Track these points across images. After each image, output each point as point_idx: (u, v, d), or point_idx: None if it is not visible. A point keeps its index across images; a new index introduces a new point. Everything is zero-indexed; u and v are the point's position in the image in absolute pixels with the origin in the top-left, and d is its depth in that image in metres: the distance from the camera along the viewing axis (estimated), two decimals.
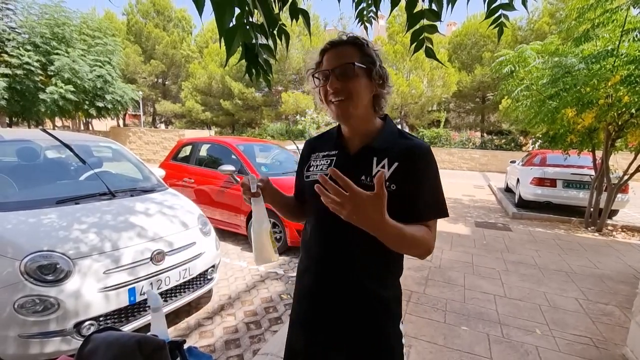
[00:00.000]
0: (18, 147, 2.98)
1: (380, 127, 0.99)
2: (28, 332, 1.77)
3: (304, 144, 1.16)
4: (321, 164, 1.03)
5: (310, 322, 1.03)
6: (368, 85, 0.92)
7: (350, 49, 0.90)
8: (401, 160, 0.91)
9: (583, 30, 4.55)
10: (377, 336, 0.98)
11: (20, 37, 13.04)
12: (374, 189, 0.79)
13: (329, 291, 0.99)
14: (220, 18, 0.51)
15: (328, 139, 1.07)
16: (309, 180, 1.04)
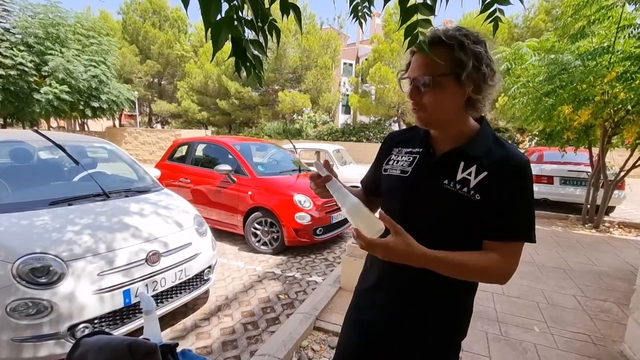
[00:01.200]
0: (11, 148, 2.95)
1: (474, 131, 0.91)
2: (21, 336, 1.75)
3: (387, 136, 1.10)
4: (403, 160, 0.98)
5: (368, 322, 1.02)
6: (455, 93, 0.84)
7: (439, 52, 0.82)
8: (492, 170, 0.84)
9: (579, 27, 4.55)
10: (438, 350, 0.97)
11: (14, 37, 12.91)
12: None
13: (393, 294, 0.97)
14: (205, 12, 0.50)
15: (414, 135, 1.01)
16: (386, 174, 1.01)
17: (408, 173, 0.95)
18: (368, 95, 19.80)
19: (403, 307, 0.96)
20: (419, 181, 0.92)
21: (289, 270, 3.77)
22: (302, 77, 20.36)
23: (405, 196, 0.94)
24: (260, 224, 4.21)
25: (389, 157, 1.04)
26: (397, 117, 20.63)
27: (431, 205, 0.90)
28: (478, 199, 0.83)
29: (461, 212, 0.86)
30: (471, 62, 0.81)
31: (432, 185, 0.89)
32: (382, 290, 1.00)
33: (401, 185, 0.96)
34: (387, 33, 18.89)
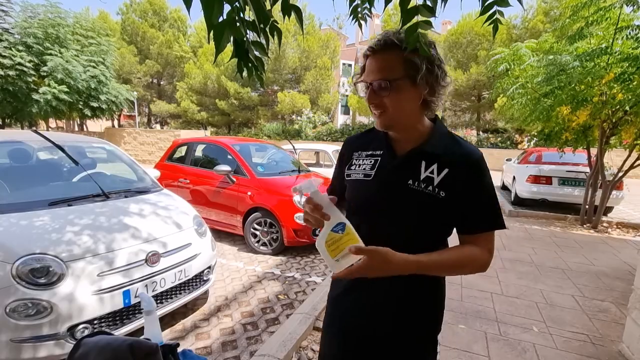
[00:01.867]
0: (10, 149, 2.94)
1: (430, 129, 0.95)
2: (20, 337, 1.74)
3: (344, 143, 1.11)
4: (365, 163, 0.98)
5: (343, 330, 1.01)
6: (411, 95, 0.86)
7: (392, 56, 0.83)
8: (452, 167, 0.88)
9: (577, 28, 4.57)
10: (419, 347, 0.98)
11: (13, 37, 12.89)
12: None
13: (366, 297, 0.96)
14: (208, 13, 0.50)
15: (373, 138, 1.02)
16: (350, 179, 1.01)
17: (371, 176, 0.95)
18: None
19: (377, 308, 0.96)
20: (383, 183, 0.93)
21: (288, 270, 3.77)
22: (302, 78, 20.37)
23: (371, 199, 0.95)
24: (259, 224, 4.21)
25: (350, 162, 1.03)
26: None
27: (397, 206, 0.91)
28: (443, 195, 0.86)
29: (427, 210, 0.88)
30: (424, 64, 0.83)
31: (397, 186, 0.90)
32: (354, 294, 0.99)
33: (365, 188, 0.95)
34: None
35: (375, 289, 0.94)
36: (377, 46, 0.84)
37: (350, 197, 1.02)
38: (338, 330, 1.03)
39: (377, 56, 0.85)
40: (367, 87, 0.88)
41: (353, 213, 0.99)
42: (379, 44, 0.84)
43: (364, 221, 0.94)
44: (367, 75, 0.88)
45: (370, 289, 0.95)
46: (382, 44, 0.84)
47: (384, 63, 0.84)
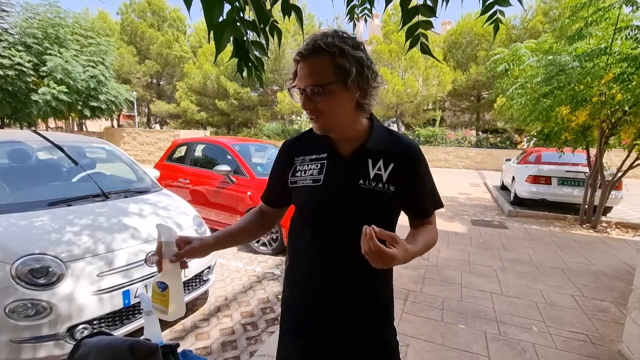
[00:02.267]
0: (9, 149, 2.93)
1: (368, 128, 0.96)
2: (20, 337, 1.74)
3: (283, 148, 1.07)
4: (311, 168, 0.97)
5: (307, 331, 0.99)
6: (344, 98, 0.86)
7: (322, 60, 0.82)
8: (397, 161, 0.92)
9: (576, 28, 4.58)
10: (379, 338, 0.98)
11: (12, 37, 12.87)
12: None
13: (328, 298, 0.96)
14: (208, 13, 0.50)
15: (313, 141, 0.99)
16: (296, 186, 0.98)
17: (321, 181, 0.94)
18: None
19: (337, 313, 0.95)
20: (335, 186, 0.92)
21: None
22: None
23: (323, 203, 0.94)
24: None
25: (293, 168, 1.00)
26: (396, 118, 20.68)
27: (351, 207, 0.91)
28: (393, 190, 0.90)
29: (381, 206, 0.92)
30: (354, 67, 0.83)
31: (349, 187, 0.91)
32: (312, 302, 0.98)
33: (316, 194, 0.94)
34: (385, 34, 18.94)
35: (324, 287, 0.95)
36: (306, 51, 0.83)
37: (300, 204, 1.01)
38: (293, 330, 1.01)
39: (307, 61, 0.84)
40: (300, 93, 0.88)
41: (305, 220, 0.98)
42: (308, 49, 0.83)
43: (317, 226, 0.95)
44: (300, 81, 0.87)
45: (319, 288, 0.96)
46: (311, 49, 0.82)
47: (314, 68, 0.83)
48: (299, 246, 1.01)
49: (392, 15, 18.65)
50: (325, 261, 0.95)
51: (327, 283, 0.95)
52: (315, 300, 0.97)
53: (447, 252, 4.20)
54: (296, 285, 1.02)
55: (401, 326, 2.51)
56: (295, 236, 1.03)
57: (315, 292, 0.97)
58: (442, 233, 5.01)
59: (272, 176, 1.10)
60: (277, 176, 1.07)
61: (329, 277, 0.95)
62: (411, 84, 17.68)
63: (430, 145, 18.15)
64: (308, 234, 0.97)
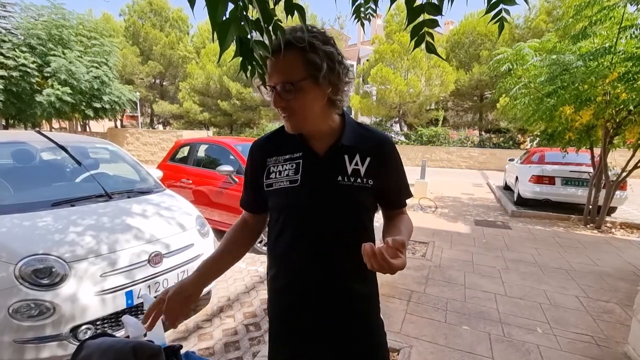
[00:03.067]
0: (13, 150, 2.95)
1: (340, 124, 0.95)
2: (23, 337, 1.74)
3: (253, 148, 1.02)
4: (286, 169, 0.93)
5: (296, 335, 0.98)
6: (316, 95, 0.84)
7: (292, 56, 0.80)
8: (372, 155, 0.92)
9: (580, 27, 4.54)
10: (368, 332, 0.99)
11: (16, 38, 12.95)
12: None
13: (317, 300, 0.95)
14: (212, 11, 0.49)
15: (285, 140, 0.96)
16: (272, 189, 0.94)
17: (298, 181, 0.91)
18: (369, 96, 19.82)
19: (329, 310, 0.95)
20: (313, 185, 0.90)
21: None
22: None
23: (301, 204, 0.91)
24: None
25: (266, 170, 0.96)
26: (399, 118, 20.64)
27: (331, 205, 0.90)
28: (371, 184, 0.91)
29: (362, 201, 0.92)
30: (325, 63, 0.81)
31: (327, 185, 0.90)
32: (293, 293, 0.97)
33: (294, 195, 0.91)
34: (388, 34, 18.90)
35: (313, 286, 0.95)
36: (275, 47, 0.78)
37: (276, 207, 0.97)
38: (287, 331, 1.01)
39: (277, 57, 0.80)
40: (271, 90, 0.85)
41: (285, 223, 0.95)
42: (277, 44, 0.78)
43: (299, 228, 0.93)
44: (270, 78, 0.84)
45: (308, 288, 0.95)
46: (280, 43, 0.78)
47: (284, 64, 0.81)
48: (282, 251, 0.98)
49: (395, 15, 18.62)
50: (312, 263, 0.93)
51: (315, 284, 0.94)
52: (304, 304, 0.96)
53: (450, 253, 4.18)
54: (283, 291, 0.99)
55: (404, 327, 2.50)
56: (276, 242, 0.98)
57: (304, 295, 0.96)
58: (445, 233, 5.01)
59: (247, 180, 1.05)
60: (252, 179, 1.02)
61: (317, 278, 0.94)
62: (414, 84, 17.63)
63: (432, 145, 18.10)
64: (290, 238, 0.95)
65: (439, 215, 6.37)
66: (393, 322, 2.53)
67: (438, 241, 4.65)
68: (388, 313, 2.68)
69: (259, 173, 0.99)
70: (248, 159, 1.03)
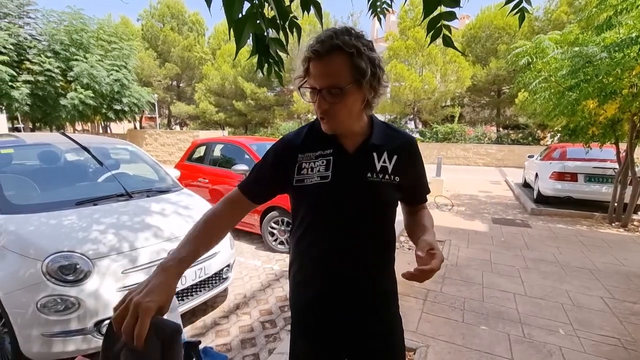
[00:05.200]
0: (39, 151, 3.07)
1: (369, 123, 0.99)
2: (51, 331, 1.82)
3: (280, 143, 1.02)
4: (317, 165, 0.94)
5: (316, 328, 1.01)
6: (358, 98, 0.87)
7: (339, 60, 0.80)
8: (399, 153, 0.96)
9: (605, 17, 4.36)
10: (386, 329, 1.02)
11: (41, 44, 13.45)
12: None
13: (342, 294, 0.97)
14: (229, 10, 0.50)
15: (315, 137, 0.97)
16: (303, 185, 0.95)
17: (329, 177, 0.92)
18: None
19: (351, 305, 0.98)
20: (344, 181, 0.92)
21: None
22: None
23: (333, 200, 0.93)
24: (277, 223, 4.24)
25: (298, 166, 0.96)
26: (414, 115, 20.37)
27: (361, 200, 0.93)
28: (397, 180, 0.95)
29: (389, 197, 0.96)
30: (369, 68, 0.82)
31: (357, 181, 0.93)
32: (315, 288, 0.99)
33: (325, 190, 0.92)
34: (402, 30, 18.67)
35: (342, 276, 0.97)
36: (323, 50, 0.80)
37: (305, 202, 0.98)
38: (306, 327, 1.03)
39: (323, 60, 0.81)
40: (315, 92, 0.86)
41: (314, 218, 0.96)
42: (325, 48, 0.80)
43: (323, 222, 0.95)
44: (315, 80, 0.84)
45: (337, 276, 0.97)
46: (328, 47, 0.80)
47: (332, 68, 0.81)
48: (306, 246, 0.99)
49: (409, 11, 18.38)
50: (338, 257, 0.95)
51: (341, 279, 0.96)
52: (328, 298, 0.98)
53: (468, 252, 4.10)
54: (305, 285, 1.01)
55: (420, 326, 2.48)
56: (302, 236, 1.00)
57: (329, 290, 0.98)
58: (461, 232, 4.92)
59: (261, 169, 1.03)
60: (268, 170, 1.01)
61: (343, 273, 0.96)
62: (429, 80, 17.36)
63: (448, 142, 17.78)
64: (316, 233, 0.97)
65: (456, 213, 6.26)
66: (409, 321, 2.50)
67: (455, 240, 4.57)
68: (404, 312, 2.65)
69: (285, 168, 0.98)
70: (271, 153, 1.02)
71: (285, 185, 0.99)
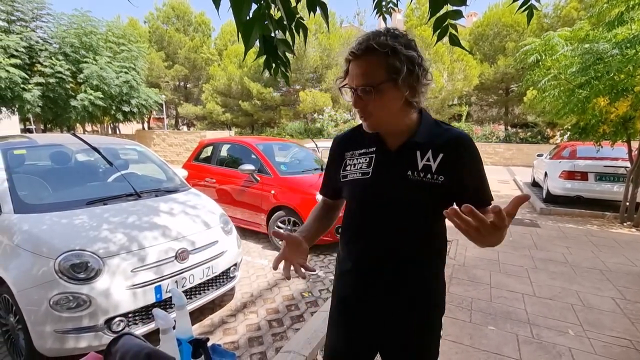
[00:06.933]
0: (51, 152, 3.13)
1: (417, 121, 0.97)
2: (63, 328, 1.86)
3: (333, 143, 1.12)
4: (360, 162, 1.00)
5: (356, 321, 1.04)
6: (394, 97, 0.88)
7: (374, 60, 0.84)
8: (446, 151, 0.92)
9: (616, 13, 4.29)
10: (420, 331, 1.02)
11: (52, 47, 13.70)
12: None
13: (377, 289, 1.00)
14: (237, 11, 0.51)
15: (362, 136, 1.02)
16: (346, 180, 1.02)
17: (369, 174, 0.96)
18: None
19: (386, 303, 1.00)
20: (383, 178, 0.95)
21: None
22: (323, 76, 20.35)
23: (372, 196, 0.97)
24: (283, 222, 4.26)
25: (343, 163, 1.04)
26: None
27: (400, 198, 0.94)
28: (442, 180, 0.90)
29: (430, 197, 0.93)
30: (405, 66, 0.83)
31: (397, 179, 0.93)
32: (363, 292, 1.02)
33: (365, 186, 0.97)
34: (408, 29, 18.53)
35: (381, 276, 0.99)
36: (359, 51, 0.85)
37: (349, 198, 1.05)
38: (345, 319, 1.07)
39: (359, 61, 0.86)
40: (352, 92, 0.90)
41: (355, 212, 1.03)
42: (360, 49, 0.84)
43: (367, 218, 0.99)
44: (351, 80, 0.89)
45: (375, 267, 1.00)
46: (364, 48, 0.84)
47: (366, 68, 0.85)
48: (349, 238, 1.05)
49: (415, 10, 18.26)
50: (375, 252, 0.98)
51: (377, 274, 0.99)
52: (364, 291, 1.01)
53: (475, 251, 4.07)
54: (347, 275, 1.06)
55: None
56: (346, 229, 1.07)
57: (365, 283, 1.01)
58: None
59: (326, 171, 1.15)
60: (330, 170, 1.12)
61: (379, 268, 0.99)
62: (435, 78, 17.19)
63: None
64: (358, 226, 1.02)
65: None
66: None
67: (462, 239, 4.54)
68: None
69: (336, 165, 1.07)
70: (329, 153, 1.12)
71: (338, 181, 1.06)
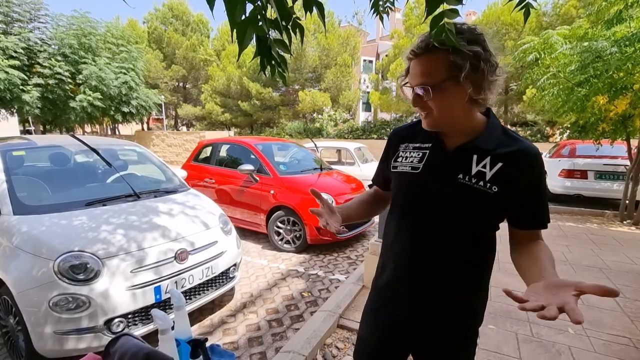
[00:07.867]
0: (50, 153, 3.13)
1: (482, 124, 0.91)
2: (63, 329, 1.86)
3: (391, 133, 1.10)
4: (412, 156, 0.97)
5: (388, 314, 1.03)
6: (456, 95, 0.84)
7: (435, 58, 0.82)
8: (506, 162, 0.85)
9: (615, 11, 4.28)
10: (453, 340, 0.99)
11: (51, 48, 13.68)
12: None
13: (411, 286, 0.97)
14: (231, 12, 0.51)
15: (420, 130, 0.97)
16: (396, 171, 1.01)
17: (419, 169, 0.94)
18: (389, 92, 19.53)
19: (422, 303, 0.97)
20: (432, 177, 0.92)
21: (312, 268, 3.79)
22: (322, 76, 20.35)
23: (418, 193, 0.94)
24: (282, 222, 4.26)
25: (396, 154, 1.03)
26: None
27: (445, 201, 0.89)
28: (495, 190, 0.84)
29: (477, 205, 0.87)
30: (468, 63, 0.79)
31: (446, 180, 0.89)
32: (398, 287, 1.01)
33: (413, 182, 0.95)
34: (407, 28, 18.54)
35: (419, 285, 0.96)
36: (419, 49, 0.83)
37: (395, 190, 1.02)
38: (379, 319, 1.06)
39: (420, 59, 0.85)
40: (412, 90, 0.89)
41: (398, 206, 1.00)
42: (421, 47, 0.83)
43: (409, 214, 0.96)
44: (412, 79, 0.88)
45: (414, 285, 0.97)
46: (424, 47, 0.82)
47: (426, 67, 0.84)
48: (390, 231, 1.03)
49: (414, 9, 18.23)
50: (413, 249, 0.95)
51: (413, 271, 0.97)
52: (398, 286, 1.00)
53: None
54: (385, 268, 1.05)
55: None
56: (389, 222, 1.05)
57: (400, 278, 0.99)
58: None
59: (380, 161, 1.15)
60: (383, 161, 1.12)
61: (415, 265, 0.96)
62: None
63: None
64: (399, 220, 1.00)
65: None
66: None
67: None
68: None
69: (390, 156, 1.06)
70: (386, 144, 1.11)
71: (389, 171, 1.05)
